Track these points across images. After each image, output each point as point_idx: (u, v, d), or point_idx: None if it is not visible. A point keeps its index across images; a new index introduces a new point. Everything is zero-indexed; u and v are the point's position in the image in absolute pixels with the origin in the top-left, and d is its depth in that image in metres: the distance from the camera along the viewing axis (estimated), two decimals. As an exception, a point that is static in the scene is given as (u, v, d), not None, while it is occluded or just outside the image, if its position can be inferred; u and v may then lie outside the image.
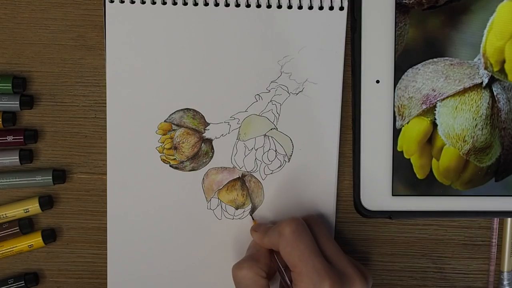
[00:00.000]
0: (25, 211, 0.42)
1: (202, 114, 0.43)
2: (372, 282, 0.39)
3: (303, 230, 0.38)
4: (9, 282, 0.43)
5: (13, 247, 0.43)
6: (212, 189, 0.43)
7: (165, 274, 0.44)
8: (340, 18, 0.42)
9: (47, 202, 0.43)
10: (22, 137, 0.42)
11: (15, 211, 0.42)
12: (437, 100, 0.42)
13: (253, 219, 0.43)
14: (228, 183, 0.43)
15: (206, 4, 0.42)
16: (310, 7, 0.42)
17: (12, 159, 0.42)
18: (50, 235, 0.43)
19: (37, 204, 0.43)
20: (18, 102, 0.42)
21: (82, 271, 0.45)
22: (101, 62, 0.43)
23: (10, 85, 0.42)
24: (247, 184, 0.43)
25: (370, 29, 0.42)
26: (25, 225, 0.43)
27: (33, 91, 0.43)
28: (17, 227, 0.43)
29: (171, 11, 0.42)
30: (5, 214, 0.42)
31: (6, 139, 0.42)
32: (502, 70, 0.42)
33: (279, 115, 0.43)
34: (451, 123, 0.42)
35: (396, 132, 0.43)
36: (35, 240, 0.43)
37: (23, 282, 0.43)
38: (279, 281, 0.41)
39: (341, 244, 0.42)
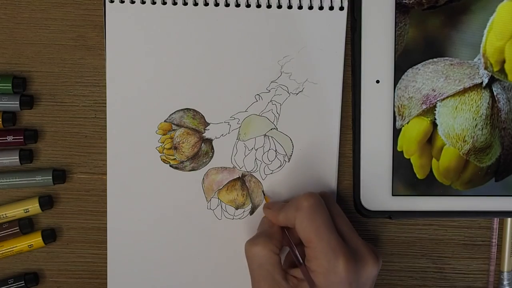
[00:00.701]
0: (25, 211, 0.42)
1: (202, 114, 0.43)
2: (382, 263, 0.39)
3: (320, 205, 0.38)
4: (9, 282, 0.43)
5: (13, 247, 0.43)
6: (212, 189, 0.43)
7: (165, 274, 0.44)
8: (340, 18, 0.42)
9: (47, 202, 0.43)
10: (22, 137, 0.42)
11: (15, 211, 0.42)
12: (437, 100, 0.42)
13: (264, 195, 0.43)
14: (228, 183, 0.43)
15: (206, 4, 0.42)
16: (310, 7, 0.42)
17: (12, 159, 0.42)
18: (50, 235, 0.43)
19: (37, 204, 0.43)
20: (18, 102, 0.42)
21: (82, 271, 0.45)
22: (101, 62, 0.43)
23: (10, 85, 0.42)
24: (247, 184, 0.43)
25: (370, 29, 0.42)
26: (25, 225, 0.43)
27: (33, 91, 0.43)
28: (17, 227, 0.43)
29: (171, 11, 0.42)
30: (5, 214, 0.42)
31: (6, 139, 0.42)
32: (502, 70, 0.42)
33: (279, 115, 0.43)
34: (451, 123, 0.42)
35: (396, 132, 0.43)
36: (35, 240, 0.43)
37: (23, 282, 0.43)
38: (285, 256, 0.42)
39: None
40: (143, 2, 0.42)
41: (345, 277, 0.36)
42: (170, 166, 0.43)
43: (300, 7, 0.42)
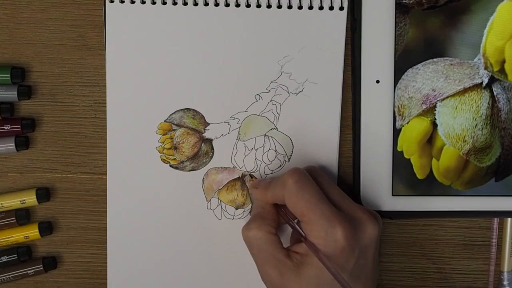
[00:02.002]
0: (22, 202, 0.43)
1: (202, 114, 0.43)
2: (382, 223, 0.39)
3: (306, 179, 0.37)
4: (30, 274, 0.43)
5: (9, 237, 0.43)
6: (212, 189, 0.43)
7: (165, 274, 0.44)
8: (340, 18, 0.42)
9: (44, 194, 0.43)
10: (19, 126, 0.42)
11: (12, 202, 0.43)
12: (437, 100, 0.42)
13: (251, 177, 0.43)
14: (228, 183, 0.43)
15: (206, 4, 0.42)
16: (310, 7, 0.42)
17: (8, 146, 0.42)
18: (47, 228, 0.43)
19: (34, 196, 0.43)
20: (16, 92, 0.42)
21: (82, 271, 0.45)
22: (101, 62, 0.43)
23: (8, 75, 0.42)
24: (247, 184, 0.43)
25: (370, 29, 0.42)
26: (22, 216, 0.43)
27: (33, 91, 0.43)
28: (14, 218, 0.43)
29: (171, 11, 0.42)
30: (2, 204, 0.42)
31: (4, 128, 0.42)
32: (502, 70, 0.42)
33: (279, 115, 0.43)
34: (451, 123, 0.42)
35: (396, 132, 0.43)
36: (32, 232, 0.43)
37: (41, 266, 0.43)
38: (290, 233, 0.41)
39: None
40: (143, 2, 0.42)
41: (346, 244, 0.35)
42: (170, 166, 0.43)
43: (300, 7, 0.42)
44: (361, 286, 0.37)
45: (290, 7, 0.42)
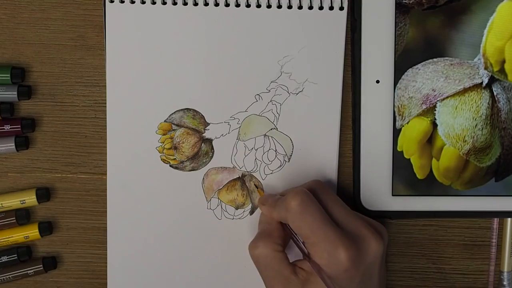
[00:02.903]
0: (21, 202, 0.43)
1: (202, 114, 0.43)
2: (387, 236, 0.39)
3: (309, 201, 0.37)
4: (30, 274, 0.43)
5: (9, 237, 0.43)
6: (212, 189, 0.43)
7: (165, 274, 0.44)
8: (340, 18, 0.42)
9: (44, 194, 0.43)
10: (19, 126, 0.42)
11: (12, 202, 0.43)
12: (437, 100, 0.42)
13: (257, 188, 0.43)
14: (228, 183, 0.43)
15: (206, 4, 0.42)
16: (310, 7, 0.42)
17: (8, 146, 0.42)
18: (47, 228, 0.43)
19: (34, 196, 0.43)
20: (16, 92, 0.42)
21: (82, 271, 0.45)
22: (101, 62, 0.43)
23: (8, 75, 0.42)
24: (247, 184, 0.43)
25: (370, 29, 0.42)
26: (22, 216, 0.43)
27: (33, 91, 0.43)
28: (14, 218, 0.43)
29: (171, 11, 0.42)
30: (1, 204, 0.42)
31: (4, 128, 0.42)
32: (502, 70, 0.42)
33: (279, 115, 0.43)
34: (451, 123, 0.42)
35: (396, 132, 0.43)
36: (32, 232, 0.43)
37: (41, 266, 0.43)
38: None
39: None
40: (143, 2, 0.42)
41: (350, 265, 0.36)
42: (170, 166, 0.43)
43: (300, 7, 0.42)
44: None
45: (290, 7, 0.42)
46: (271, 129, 0.43)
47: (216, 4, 0.42)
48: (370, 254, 0.37)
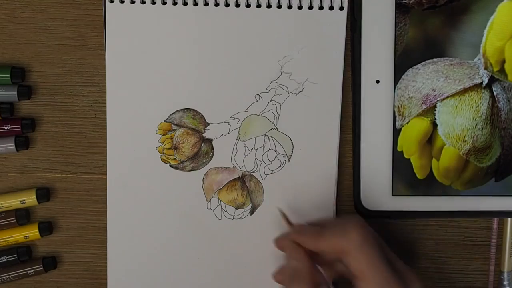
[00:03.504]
0: (21, 202, 0.43)
1: (202, 114, 0.43)
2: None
3: (369, 232, 0.37)
4: (29, 274, 0.43)
5: (9, 237, 0.43)
6: (212, 189, 0.43)
7: (165, 274, 0.44)
8: (340, 18, 0.42)
9: (44, 194, 0.43)
10: (19, 126, 0.42)
11: (12, 202, 0.43)
12: (437, 100, 0.42)
13: (287, 219, 0.41)
14: (228, 183, 0.43)
15: (206, 4, 0.42)
16: (310, 7, 0.42)
17: (8, 146, 0.42)
18: (47, 228, 0.43)
19: (34, 196, 0.43)
20: (16, 92, 0.42)
21: (82, 271, 0.45)
22: (101, 62, 0.43)
23: (8, 75, 0.42)
24: (247, 184, 0.43)
25: (370, 29, 0.42)
26: (22, 216, 0.43)
27: (33, 91, 0.43)
28: (14, 218, 0.43)
29: (171, 11, 0.42)
30: (1, 204, 0.42)
31: (4, 128, 0.42)
32: (502, 70, 0.42)
33: (279, 115, 0.43)
34: (451, 123, 0.42)
35: (396, 132, 0.43)
36: (32, 232, 0.43)
37: (41, 266, 0.43)
38: None
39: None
40: (143, 2, 0.42)
41: None
42: (170, 166, 0.43)
43: (300, 7, 0.42)
44: None
45: (290, 7, 0.42)
46: (271, 129, 0.43)
47: (216, 4, 0.42)
48: None
